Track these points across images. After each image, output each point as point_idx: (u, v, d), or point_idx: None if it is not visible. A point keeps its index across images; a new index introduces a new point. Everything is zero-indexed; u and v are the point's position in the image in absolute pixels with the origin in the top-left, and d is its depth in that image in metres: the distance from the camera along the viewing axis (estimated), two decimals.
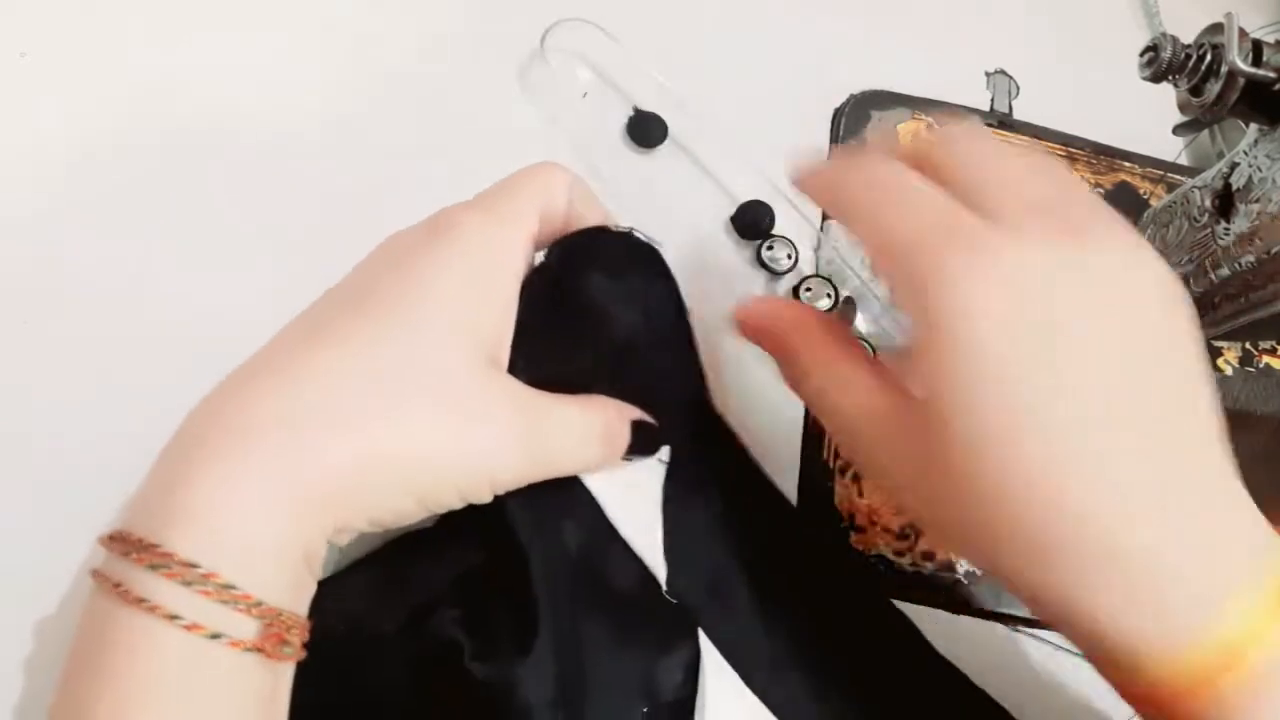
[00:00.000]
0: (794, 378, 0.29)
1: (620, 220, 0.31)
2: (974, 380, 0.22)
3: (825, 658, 0.30)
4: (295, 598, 0.23)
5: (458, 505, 0.25)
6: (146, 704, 0.20)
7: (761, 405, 0.38)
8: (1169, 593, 0.22)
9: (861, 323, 0.43)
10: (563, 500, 0.28)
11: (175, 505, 0.21)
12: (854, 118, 0.48)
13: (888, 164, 0.26)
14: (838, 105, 0.49)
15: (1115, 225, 0.24)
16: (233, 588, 0.21)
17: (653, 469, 0.30)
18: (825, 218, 0.45)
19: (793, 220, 0.43)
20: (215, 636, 0.20)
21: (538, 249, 0.29)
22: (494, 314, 0.26)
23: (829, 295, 0.42)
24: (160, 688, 0.20)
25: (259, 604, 0.21)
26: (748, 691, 0.28)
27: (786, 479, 0.38)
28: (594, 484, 0.29)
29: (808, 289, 0.42)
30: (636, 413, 0.29)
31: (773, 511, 0.32)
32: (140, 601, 0.20)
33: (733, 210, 0.43)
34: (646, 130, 0.44)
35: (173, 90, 0.40)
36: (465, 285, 0.25)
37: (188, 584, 0.20)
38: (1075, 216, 0.24)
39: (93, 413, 0.34)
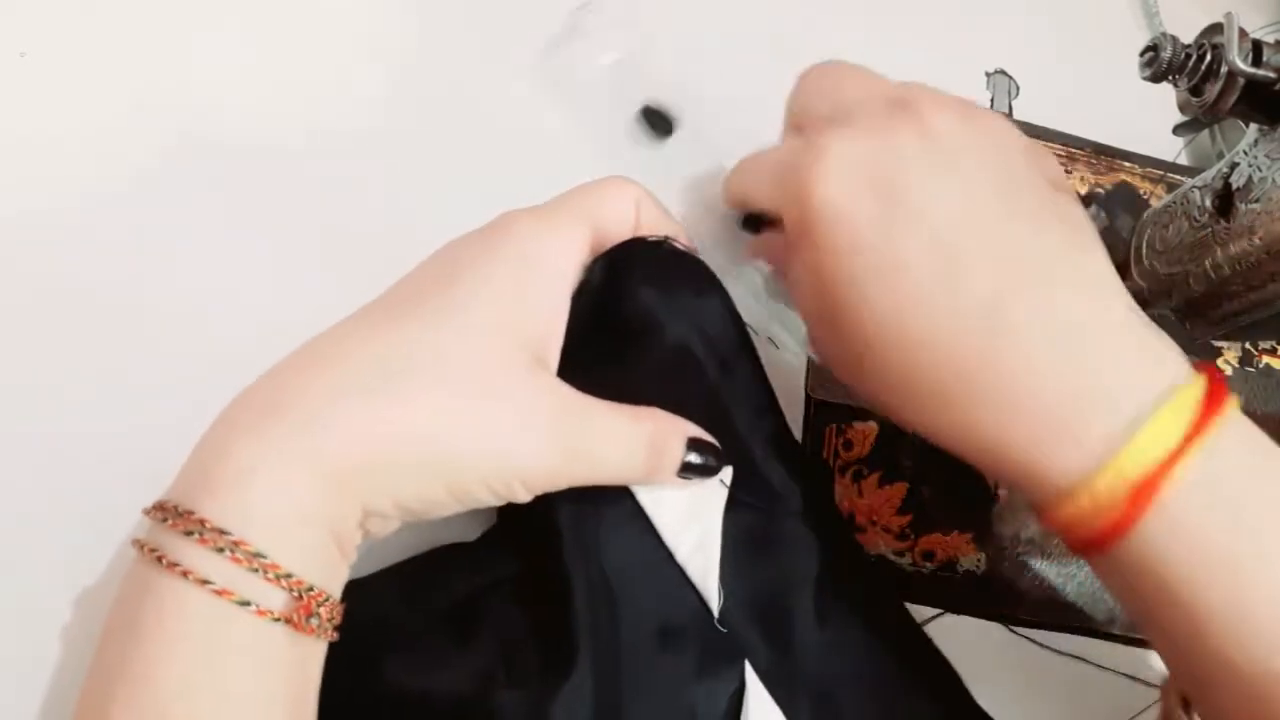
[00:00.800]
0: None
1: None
2: (829, 252, 0.25)
3: (872, 697, 0.29)
4: (326, 577, 0.23)
5: (490, 500, 0.25)
6: (174, 664, 0.21)
7: None
8: (1070, 425, 0.24)
9: None
10: (614, 518, 0.27)
11: (209, 476, 0.22)
12: None
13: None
14: None
15: (939, 97, 0.27)
16: (262, 556, 0.21)
17: (714, 491, 0.28)
18: None
19: None
20: (244, 604, 0.21)
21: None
22: (539, 313, 0.26)
23: None
24: (188, 650, 0.21)
25: (288, 575, 0.22)
26: None
27: None
28: (649, 502, 0.27)
29: None
30: (694, 429, 0.27)
31: (838, 545, 0.30)
32: (174, 566, 0.21)
33: None
34: (658, 122, 0.44)
35: (172, 90, 0.41)
36: (508, 282, 0.26)
37: (219, 550, 0.21)
38: (906, 96, 0.27)
39: (106, 405, 0.34)
